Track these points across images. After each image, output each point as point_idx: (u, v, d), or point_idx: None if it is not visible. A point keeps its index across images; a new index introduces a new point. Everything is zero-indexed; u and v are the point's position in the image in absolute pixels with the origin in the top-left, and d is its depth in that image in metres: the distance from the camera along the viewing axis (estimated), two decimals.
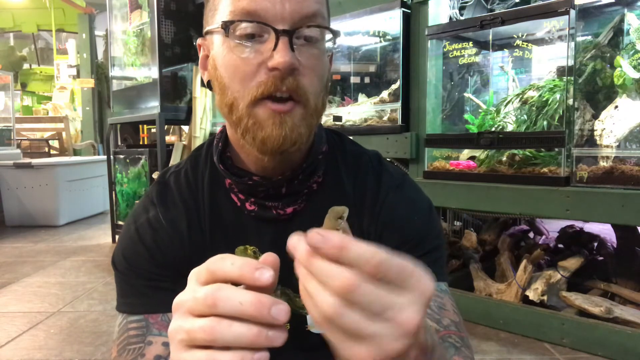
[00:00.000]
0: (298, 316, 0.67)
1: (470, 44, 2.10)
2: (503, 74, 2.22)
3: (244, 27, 0.58)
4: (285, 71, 0.57)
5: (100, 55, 6.45)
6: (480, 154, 2.07)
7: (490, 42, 2.05)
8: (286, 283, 0.66)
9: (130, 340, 0.62)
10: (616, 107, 1.69)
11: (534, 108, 1.89)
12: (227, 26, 0.59)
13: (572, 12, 1.70)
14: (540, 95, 1.88)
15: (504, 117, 2.00)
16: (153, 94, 2.91)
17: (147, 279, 0.65)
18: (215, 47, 0.62)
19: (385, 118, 2.35)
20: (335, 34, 0.63)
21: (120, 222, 3.51)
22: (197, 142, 2.91)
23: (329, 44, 0.64)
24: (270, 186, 0.65)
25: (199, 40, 0.67)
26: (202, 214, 0.68)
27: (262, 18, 0.57)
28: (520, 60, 2.15)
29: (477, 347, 1.78)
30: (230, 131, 0.67)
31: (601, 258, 2.07)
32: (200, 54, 0.67)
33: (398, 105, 2.24)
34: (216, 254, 0.66)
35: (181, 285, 0.64)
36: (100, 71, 6.35)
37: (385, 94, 2.39)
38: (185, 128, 5.47)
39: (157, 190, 0.70)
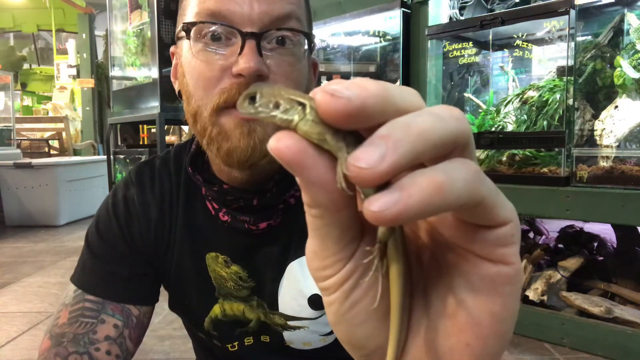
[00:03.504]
0: (275, 332, 0.67)
1: (470, 44, 2.10)
2: (503, 74, 2.22)
3: (209, 30, 0.54)
4: (251, 78, 0.52)
5: (100, 55, 6.45)
6: (480, 154, 2.07)
7: (490, 42, 2.05)
8: (260, 295, 0.66)
9: (84, 312, 0.62)
10: (616, 107, 1.69)
11: (534, 108, 1.89)
12: (188, 28, 0.55)
13: (572, 12, 1.70)
14: (540, 95, 1.88)
15: (504, 117, 2.00)
16: (153, 94, 2.91)
17: (112, 261, 0.65)
18: (184, 54, 0.58)
19: None
20: (310, 37, 0.58)
21: None
22: None
23: (306, 52, 0.58)
24: (240, 196, 0.61)
25: (171, 48, 0.64)
26: (174, 211, 0.66)
27: (227, 20, 0.53)
28: (520, 60, 2.15)
29: None
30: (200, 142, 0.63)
31: (601, 258, 2.07)
32: (173, 63, 0.63)
33: None
34: (178, 252, 0.66)
35: (138, 275, 0.65)
36: (100, 71, 6.34)
37: None
38: (185, 128, 5.47)
39: (140, 169, 0.69)
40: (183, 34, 0.58)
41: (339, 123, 0.19)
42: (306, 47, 0.58)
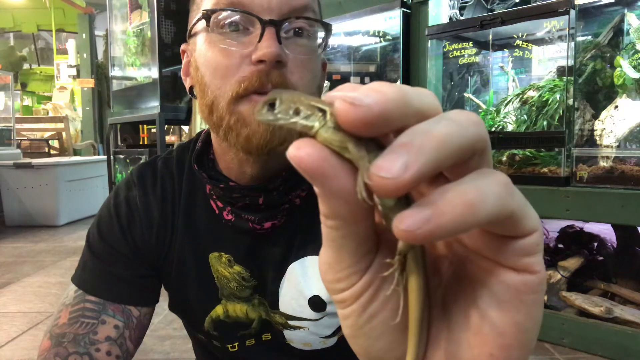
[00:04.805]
0: (277, 331, 0.67)
1: (470, 44, 2.10)
2: (503, 74, 2.22)
3: (227, 18, 0.54)
4: (271, 63, 0.52)
5: (100, 55, 6.45)
6: None
7: (490, 42, 2.05)
8: (262, 293, 0.66)
9: (85, 313, 0.62)
10: (616, 107, 1.69)
11: (534, 108, 1.89)
12: (208, 16, 0.54)
13: (572, 12, 1.70)
14: (540, 95, 1.88)
15: (504, 117, 2.00)
16: (153, 94, 2.91)
17: (113, 262, 0.64)
18: (198, 47, 0.58)
19: None
20: (328, 28, 0.58)
21: None
22: None
23: (321, 47, 0.59)
24: (246, 194, 0.60)
25: (182, 46, 0.64)
26: (176, 211, 0.66)
27: (247, 9, 0.54)
28: (520, 60, 2.15)
29: None
30: (213, 135, 0.63)
31: (601, 258, 2.07)
32: (184, 61, 0.64)
33: None
34: (179, 253, 0.66)
35: (139, 276, 0.65)
36: (100, 71, 6.34)
37: None
38: (185, 128, 5.47)
39: (141, 170, 0.69)
40: (197, 29, 0.58)
41: (359, 131, 0.18)
42: (319, 40, 0.59)
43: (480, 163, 0.20)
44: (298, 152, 0.19)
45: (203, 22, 0.56)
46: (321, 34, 0.59)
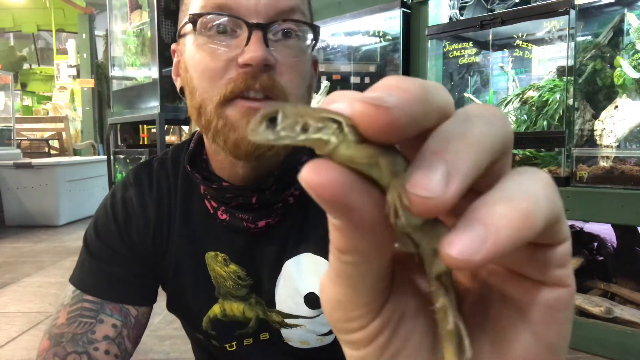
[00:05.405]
0: (274, 330, 0.67)
1: (470, 44, 2.10)
2: (503, 74, 2.22)
3: (214, 21, 0.54)
4: (258, 67, 0.52)
5: (100, 55, 6.45)
6: None
7: (490, 42, 2.05)
8: (258, 292, 0.66)
9: (83, 312, 0.62)
10: (616, 107, 1.69)
11: (534, 108, 1.89)
12: (194, 20, 0.54)
13: (572, 12, 1.70)
14: (540, 95, 1.88)
15: None
16: (153, 94, 2.91)
17: (110, 261, 0.65)
18: (187, 48, 0.58)
19: None
20: (316, 29, 0.58)
21: None
22: None
23: (310, 47, 0.59)
24: (239, 194, 0.60)
25: (172, 46, 0.64)
26: (173, 211, 0.66)
27: (234, 12, 0.53)
28: (520, 60, 2.15)
29: None
30: (204, 136, 0.63)
31: (601, 258, 2.07)
32: (174, 61, 0.63)
33: None
34: (176, 252, 0.67)
35: (136, 275, 0.65)
36: (100, 71, 6.34)
37: None
38: (185, 128, 5.47)
39: (138, 171, 0.69)
40: (186, 30, 0.58)
41: (388, 139, 0.15)
42: (309, 42, 0.58)
43: (506, 163, 0.18)
44: (319, 179, 0.15)
45: (191, 24, 0.56)
46: (310, 35, 0.58)
